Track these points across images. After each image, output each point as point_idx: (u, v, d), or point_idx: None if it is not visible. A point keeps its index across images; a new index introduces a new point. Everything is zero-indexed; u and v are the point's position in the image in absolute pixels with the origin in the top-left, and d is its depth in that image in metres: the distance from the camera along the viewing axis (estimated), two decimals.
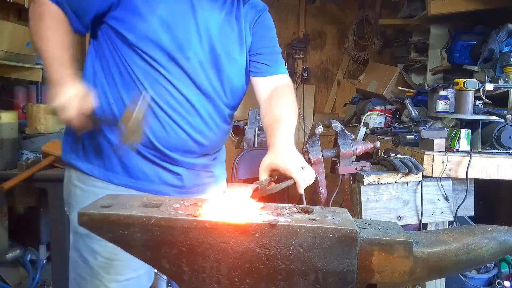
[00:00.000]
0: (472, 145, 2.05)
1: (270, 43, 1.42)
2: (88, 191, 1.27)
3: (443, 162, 1.97)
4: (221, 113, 1.33)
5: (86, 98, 1.12)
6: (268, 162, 1.10)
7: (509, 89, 2.26)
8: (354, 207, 1.91)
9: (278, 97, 1.32)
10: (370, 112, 3.22)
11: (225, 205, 0.84)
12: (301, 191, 1.09)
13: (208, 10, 1.25)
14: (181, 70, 1.21)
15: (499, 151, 2.03)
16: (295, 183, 1.07)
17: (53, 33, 1.16)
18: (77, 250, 1.28)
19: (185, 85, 1.23)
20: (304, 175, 1.07)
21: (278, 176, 1.10)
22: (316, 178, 1.84)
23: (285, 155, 1.10)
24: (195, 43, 1.22)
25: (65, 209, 1.35)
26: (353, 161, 1.91)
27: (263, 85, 1.38)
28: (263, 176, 1.08)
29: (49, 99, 1.12)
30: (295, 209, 0.89)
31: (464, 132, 2.04)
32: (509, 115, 2.06)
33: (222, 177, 1.51)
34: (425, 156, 1.99)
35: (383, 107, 3.27)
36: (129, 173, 1.26)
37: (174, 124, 1.24)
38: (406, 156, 1.99)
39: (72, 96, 1.10)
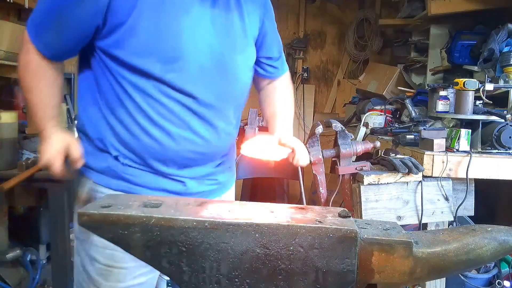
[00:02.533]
0: (472, 145, 2.05)
1: (278, 41, 1.44)
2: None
3: (443, 162, 1.97)
4: (225, 117, 1.26)
5: (70, 148, 1.17)
6: (273, 135, 1.42)
7: (509, 89, 2.25)
8: (354, 207, 1.91)
9: (280, 93, 1.50)
10: (370, 112, 3.21)
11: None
12: (300, 163, 1.39)
13: (197, 10, 1.15)
14: (175, 82, 1.13)
15: (499, 151, 2.03)
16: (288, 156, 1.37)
17: (37, 84, 1.16)
18: (79, 255, 1.26)
19: (180, 98, 1.16)
20: (302, 152, 1.38)
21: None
22: (316, 178, 1.87)
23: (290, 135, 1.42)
24: (190, 50, 1.13)
25: None
26: (353, 161, 1.91)
27: (268, 82, 1.49)
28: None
29: (39, 155, 1.21)
30: (295, 209, 0.89)
31: (464, 132, 2.03)
32: (509, 115, 2.06)
33: (230, 183, 1.43)
34: (425, 156, 1.99)
35: (383, 107, 3.26)
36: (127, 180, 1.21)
37: (169, 139, 1.17)
38: (406, 156, 1.98)
39: (55, 152, 1.16)
